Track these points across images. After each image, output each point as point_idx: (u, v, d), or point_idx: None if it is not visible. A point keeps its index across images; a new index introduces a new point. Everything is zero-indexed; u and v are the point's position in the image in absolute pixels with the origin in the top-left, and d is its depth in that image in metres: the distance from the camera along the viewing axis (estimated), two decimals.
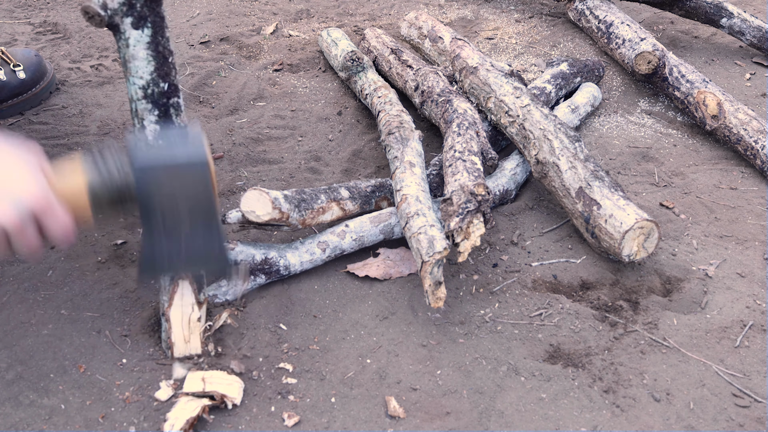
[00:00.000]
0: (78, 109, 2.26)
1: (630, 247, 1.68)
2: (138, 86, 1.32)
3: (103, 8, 1.23)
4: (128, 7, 1.24)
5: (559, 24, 2.80)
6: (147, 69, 1.30)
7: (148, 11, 1.27)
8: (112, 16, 1.25)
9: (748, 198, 2.00)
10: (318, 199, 1.72)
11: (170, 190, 1.21)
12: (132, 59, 1.29)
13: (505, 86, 2.02)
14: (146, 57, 1.29)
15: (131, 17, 1.26)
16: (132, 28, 1.27)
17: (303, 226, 1.70)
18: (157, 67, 1.31)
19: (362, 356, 1.52)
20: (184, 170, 1.22)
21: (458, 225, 1.59)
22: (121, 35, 1.28)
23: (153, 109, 1.33)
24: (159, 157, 1.23)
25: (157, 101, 1.33)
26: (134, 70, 1.30)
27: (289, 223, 1.66)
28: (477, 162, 1.74)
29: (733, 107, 2.15)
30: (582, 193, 1.76)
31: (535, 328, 1.60)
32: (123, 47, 1.29)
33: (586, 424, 1.40)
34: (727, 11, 2.60)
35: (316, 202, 1.71)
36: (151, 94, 1.32)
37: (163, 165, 1.22)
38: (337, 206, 1.75)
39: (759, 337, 1.59)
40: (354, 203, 1.78)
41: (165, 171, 1.22)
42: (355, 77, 2.27)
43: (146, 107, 1.33)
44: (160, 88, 1.32)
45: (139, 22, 1.26)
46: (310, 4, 2.95)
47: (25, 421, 1.36)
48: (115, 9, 1.24)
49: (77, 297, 1.61)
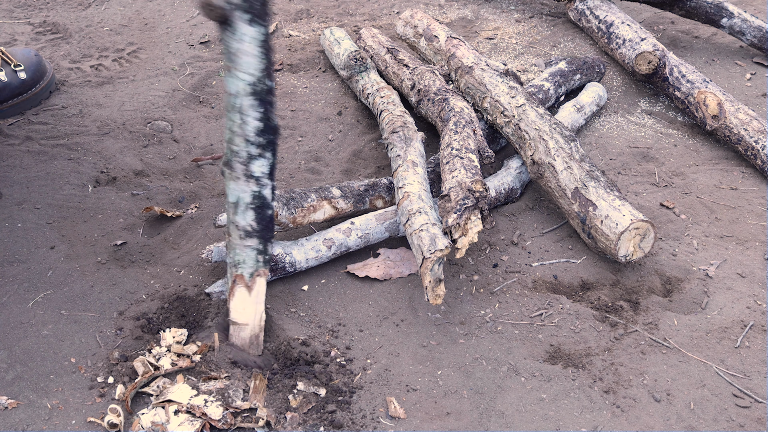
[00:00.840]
0: (78, 109, 2.25)
1: (626, 247, 1.68)
2: (246, 82, 1.34)
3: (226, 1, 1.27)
4: (248, 3, 1.29)
5: (560, 24, 2.80)
6: (258, 66, 1.34)
7: (263, 10, 1.31)
8: (231, 9, 1.28)
9: (748, 198, 2.00)
10: (308, 197, 1.73)
11: None
12: (243, 54, 1.32)
13: (501, 86, 2.02)
14: (258, 54, 1.33)
15: (248, 13, 1.30)
16: (247, 25, 1.30)
17: (294, 224, 1.70)
18: (267, 66, 1.35)
19: (363, 356, 1.52)
20: None
21: (456, 221, 1.59)
22: (234, 30, 1.31)
23: (259, 105, 1.36)
24: None
25: (264, 98, 1.36)
26: (244, 66, 1.33)
27: (280, 222, 1.67)
28: (474, 159, 1.74)
29: (734, 107, 2.15)
30: (578, 193, 1.76)
31: (536, 328, 1.60)
32: (234, 42, 1.31)
33: (586, 424, 1.40)
34: (727, 11, 2.60)
35: (306, 200, 1.72)
36: (259, 91, 1.35)
37: None
38: (328, 204, 1.75)
39: (759, 337, 1.59)
40: (347, 202, 1.78)
41: None
42: (356, 77, 2.27)
43: (252, 103, 1.36)
44: (267, 86, 1.36)
45: (254, 19, 1.31)
46: (310, 4, 2.95)
47: (25, 421, 1.36)
48: (235, 4, 1.28)
49: (77, 297, 1.61)
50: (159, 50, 2.59)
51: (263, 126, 1.37)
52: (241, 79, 1.34)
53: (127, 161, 2.04)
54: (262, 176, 1.40)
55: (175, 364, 1.45)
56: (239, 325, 1.46)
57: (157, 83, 2.41)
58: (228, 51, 1.33)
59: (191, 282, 1.66)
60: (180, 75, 2.46)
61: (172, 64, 2.51)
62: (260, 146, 1.38)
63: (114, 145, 2.10)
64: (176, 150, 2.12)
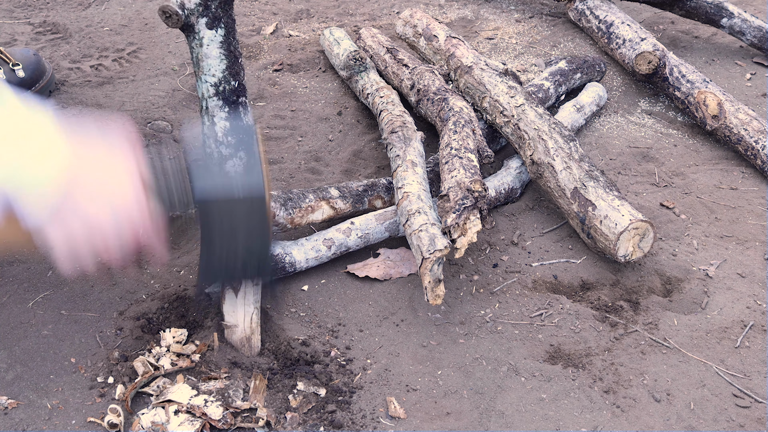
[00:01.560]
0: (78, 109, 2.25)
1: (625, 247, 1.68)
2: (210, 84, 1.37)
3: (181, 8, 1.30)
4: (204, 7, 1.31)
5: (560, 24, 2.80)
6: (219, 67, 1.36)
7: (222, 12, 1.33)
8: (188, 16, 1.31)
9: (748, 198, 2.00)
10: (306, 198, 1.73)
11: (229, 221, 1.23)
12: (205, 58, 1.35)
13: (500, 86, 2.02)
14: (219, 56, 1.35)
15: (206, 17, 1.32)
16: (206, 28, 1.33)
17: (293, 225, 1.70)
18: (229, 66, 1.36)
19: (363, 356, 1.52)
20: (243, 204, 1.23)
21: (455, 221, 1.59)
22: (195, 35, 1.34)
23: (224, 105, 1.38)
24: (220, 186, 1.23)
25: (228, 98, 1.38)
26: (207, 69, 1.36)
27: (277, 222, 1.67)
28: (473, 159, 1.74)
29: (734, 107, 2.15)
30: (577, 193, 1.76)
31: (536, 328, 1.60)
32: (196, 47, 1.34)
33: (586, 424, 1.40)
34: (727, 11, 2.60)
35: (303, 201, 1.72)
36: (223, 91, 1.37)
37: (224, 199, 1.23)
38: (326, 205, 1.75)
39: (759, 337, 1.59)
40: (345, 202, 1.78)
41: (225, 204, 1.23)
42: (356, 77, 2.27)
43: (217, 104, 1.38)
44: (231, 86, 1.38)
45: (214, 22, 1.32)
46: (310, 4, 2.95)
47: (25, 421, 1.36)
48: (191, 9, 1.30)
49: (77, 297, 1.61)
50: (159, 50, 2.59)
51: (231, 126, 1.39)
52: (205, 82, 1.37)
53: None
54: None
55: (175, 364, 1.45)
56: (230, 327, 1.48)
57: (157, 83, 2.41)
58: (193, 56, 1.36)
59: (191, 282, 1.66)
60: (180, 75, 2.46)
61: (172, 64, 2.51)
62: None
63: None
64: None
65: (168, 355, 1.47)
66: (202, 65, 1.36)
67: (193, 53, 1.36)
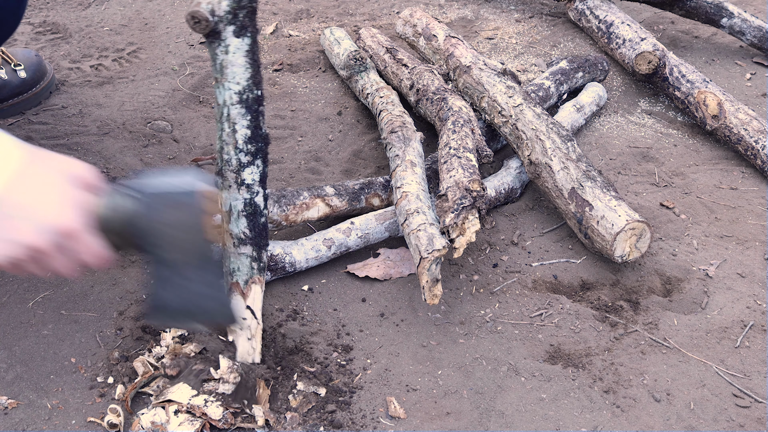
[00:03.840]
0: (78, 109, 2.26)
1: (622, 248, 1.68)
2: (234, 91, 1.37)
3: (211, 14, 1.30)
4: (233, 15, 1.31)
5: (560, 24, 2.80)
6: (244, 75, 1.36)
7: (248, 21, 1.34)
8: (217, 23, 1.31)
9: (748, 198, 2.00)
10: (300, 195, 1.73)
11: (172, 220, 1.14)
12: (230, 65, 1.35)
13: (498, 85, 2.02)
14: (244, 64, 1.35)
15: (234, 25, 1.32)
16: (233, 36, 1.33)
17: (288, 222, 1.70)
18: (253, 75, 1.37)
19: (363, 356, 1.52)
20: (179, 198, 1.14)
21: (453, 221, 1.59)
22: (220, 42, 1.34)
23: (246, 113, 1.39)
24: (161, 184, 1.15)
25: (251, 107, 1.39)
26: (231, 76, 1.36)
27: (272, 219, 1.67)
28: (472, 159, 1.74)
29: (734, 107, 2.15)
30: (574, 194, 1.76)
31: (536, 328, 1.60)
32: (221, 53, 1.34)
33: (586, 424, 1.40)
34: (727, 11, 2.60)
35: (298, 198, 1.72)
36: (246, 99, 1.38)
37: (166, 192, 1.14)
38: (322, 202, 1.75)
39: (759, 337, 1.59)
40: (341, 200, 1.78)
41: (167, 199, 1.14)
42: (356, 77, 2.27)
43: (240, 111, 1.38)
44: (255, 95, 1.39)
45: (241, 30, 1.33)
46: (310, 4, 2.95)
47: (25, 421, 1.36)
48: (221, 16, 1.30)
49: (77, 297, 1.61)
50: (159, 50, 2.59)
51: (252, 134, 1.40)
52: (228, 89, 1.37)
53: (127, 161, 2.04)
54: (254, 183, 1.43)
55: None
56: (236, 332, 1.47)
57: (157, 83, 2.41)
58: (216, 62, 1.36)
59: None
60: (180, 75, 2.46)
61: (172, 64, 2.52)
62: (250, 154, 1.41)
63: (114, 145, 2.10)
64: (176, 150, 2.12)
65: (168, 356, 1.47)
66: (226, 72, 1.36)
67: (217, 60, 1.36)
